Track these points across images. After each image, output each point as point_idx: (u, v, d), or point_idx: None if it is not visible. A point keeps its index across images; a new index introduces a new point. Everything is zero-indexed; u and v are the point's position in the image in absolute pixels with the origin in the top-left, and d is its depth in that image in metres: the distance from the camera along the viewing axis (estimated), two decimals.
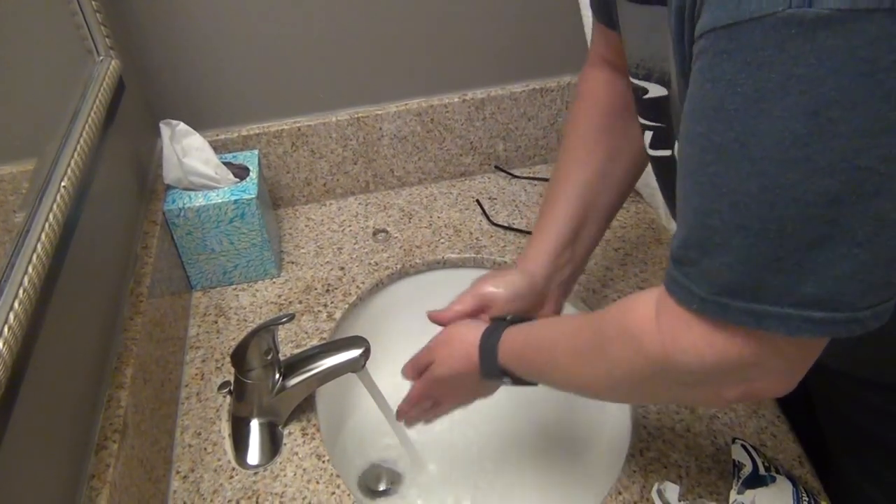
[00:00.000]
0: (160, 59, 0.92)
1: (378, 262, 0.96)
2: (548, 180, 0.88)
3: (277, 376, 0.70)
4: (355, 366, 0.71)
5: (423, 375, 0.67)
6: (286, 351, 0.83)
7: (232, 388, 0.75)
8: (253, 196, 0.86)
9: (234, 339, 0.84)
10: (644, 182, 0.98)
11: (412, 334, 0.72)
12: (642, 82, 0.55)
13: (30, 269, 0.47)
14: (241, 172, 0.91)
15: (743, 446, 0.65)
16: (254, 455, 0.71)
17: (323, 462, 0.70)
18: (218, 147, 0.97)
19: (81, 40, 0.74)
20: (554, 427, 0.87)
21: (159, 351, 0.74)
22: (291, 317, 0.69)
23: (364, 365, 0.71)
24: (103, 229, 0.71)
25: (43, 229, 0.51)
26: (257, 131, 1.00)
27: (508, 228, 1.01)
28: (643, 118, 0.58)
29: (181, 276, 0.89)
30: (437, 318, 0.68)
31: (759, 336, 0.39)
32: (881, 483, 0.66)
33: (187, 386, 0.79)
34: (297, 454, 0.71)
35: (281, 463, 0.70)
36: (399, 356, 0.71)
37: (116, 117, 0.75)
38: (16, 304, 0.44)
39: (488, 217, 1.03)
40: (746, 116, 0.34)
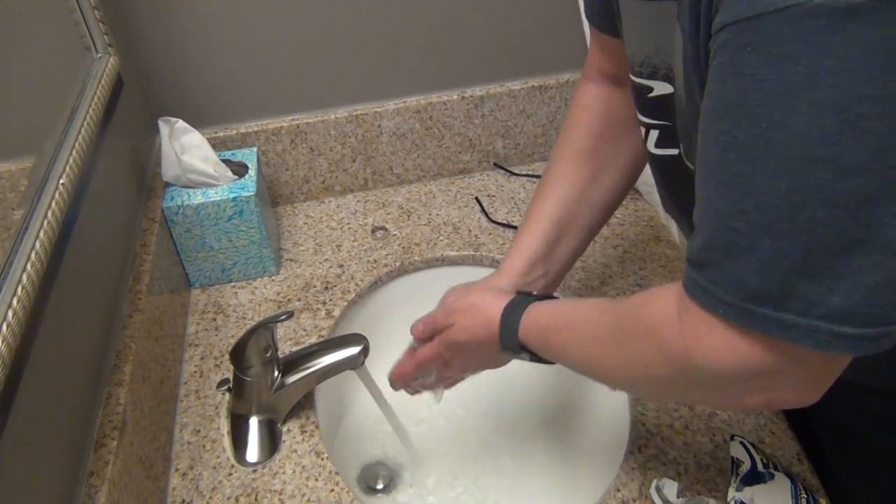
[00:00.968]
0: (159, 57, 0.92)
1: (377, 260, 0.96)
2: None
3: (276, 374, 0.70)
4: (354, 363, 0.71)
5: (438, 338, 0.65)
6: (285, 348, 0.83)
7: (231, 386, 0.75)
8: (252, 193, 0.86)
9: (233, 337, 0.84)
10: (643, 180, 0.98)
11: None
12: (646, 81, 0.54)
13: (28, 267, 0.47)
14: (240, 170, 0.91)
15: (741, 443, 0.65)
16: (253, 452, 0.71)
17: (322, 459, 0.70)
18: (217, 144, 0.97)
19: (79, 37, 0.74)
20: (553, 424, 0.87)
21: (158, 348, 0.74)
22: (290, 314, 0.69)
23: (363, 362, 0.71)
24: (102, 227, 0.71)
25: (41, 227, 0.51)
26: (256, 128, 1.00)
27: (507, 226, 1.01)
28: (647, 118, 0.57)
29: (180, 274, 0.89)
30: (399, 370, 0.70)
31: (784, 345, 0.37)
32: (877, 489, 0.66)
33: (186, 383, 0.79)
34: (296, 451, 0.71)
35: (280, 460, 0.71)
36: (398, 353, 0.71)
37: (115, 115, 0.74)
38: (14, 302, 0.44)
39: (487, 214, 1.03)
40: (772, 112, 0.33)
